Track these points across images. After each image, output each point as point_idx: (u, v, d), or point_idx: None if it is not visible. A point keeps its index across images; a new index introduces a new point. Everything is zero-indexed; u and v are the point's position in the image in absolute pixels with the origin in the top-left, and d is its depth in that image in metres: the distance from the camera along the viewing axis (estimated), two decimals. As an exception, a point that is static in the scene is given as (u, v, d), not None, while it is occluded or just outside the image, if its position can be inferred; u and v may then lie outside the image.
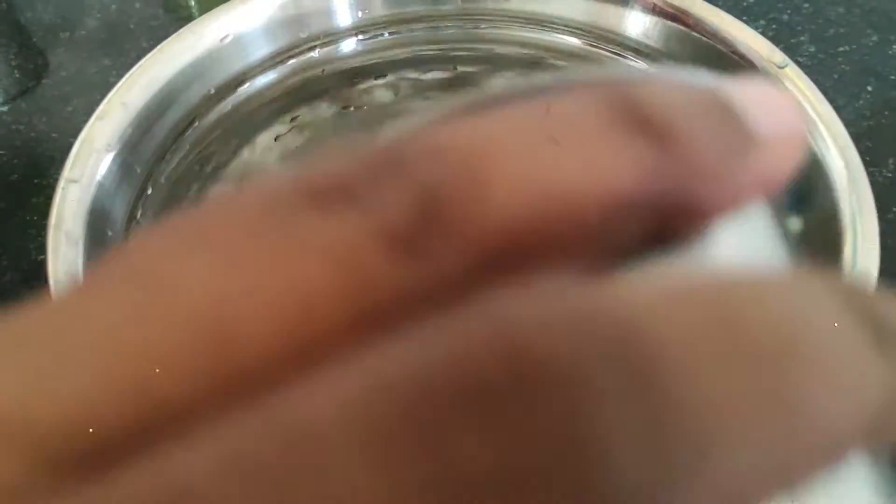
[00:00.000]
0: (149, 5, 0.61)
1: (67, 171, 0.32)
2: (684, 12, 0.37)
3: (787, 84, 0.34)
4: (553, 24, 0.40)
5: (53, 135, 0.53)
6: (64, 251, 0.30)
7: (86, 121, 0.53)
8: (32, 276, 0.45)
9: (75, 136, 0.53)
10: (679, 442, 0.08)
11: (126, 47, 0.57)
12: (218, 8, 0.37)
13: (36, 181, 0.50)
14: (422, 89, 0.44)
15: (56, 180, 0.50)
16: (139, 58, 0.53)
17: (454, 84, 0.44)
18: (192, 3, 0.62)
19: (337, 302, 0.09)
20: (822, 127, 0.32)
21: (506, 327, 0.08)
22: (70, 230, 0.31)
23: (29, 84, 0.55)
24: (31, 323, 0.10)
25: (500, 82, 0.43)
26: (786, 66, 0.34)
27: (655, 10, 0.37)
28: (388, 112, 0.45)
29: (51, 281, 0.30)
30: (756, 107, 0.11)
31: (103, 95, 0.35)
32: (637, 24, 0.38)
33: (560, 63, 0.41)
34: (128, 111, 0.34)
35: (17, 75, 0.56)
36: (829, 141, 0.32)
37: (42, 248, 0.47)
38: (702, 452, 0.08)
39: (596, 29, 0.39)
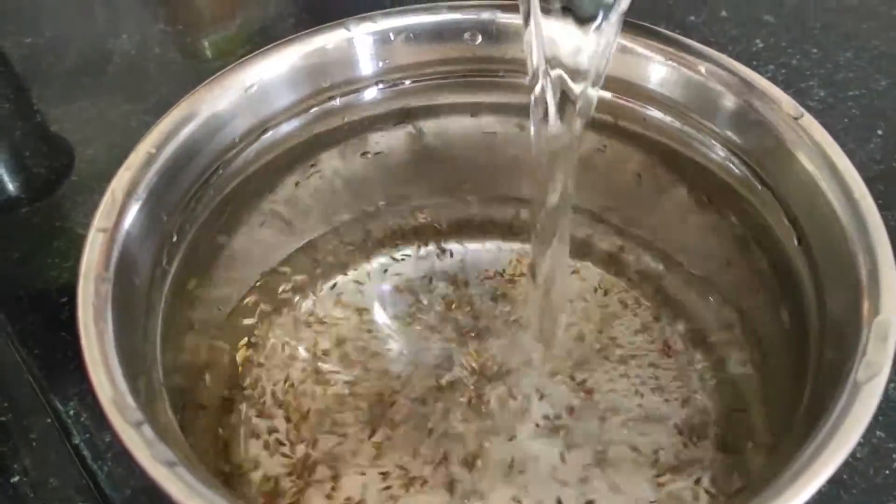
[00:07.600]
0: (167, 51, 0.62)
1: (97, 221, 0.33)
2: (699, 63, 0.38)
3: (802, 135, 0.35)
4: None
5: (74, 178, 0.53)
6: (93, 300, 0.31)
7: (106, 164, 0.53)
8: (54, 318, 0.45)
9: (96, 179, 0.54)
10: None
11: (146, 91, 0.58)
12: (245, 58, 0.38)
13: (57, 224, 0.51)
14: (441, 136, 0.45)
15: (77, 223, 0.51)
16: (159, 102, 0.54)
17: (474, 131, 0.44)
18: (206, 46, 0.63)
19: None
20: (838, 178, 0.33)
21: None
22: (99, 279, 0.31)
23: (50, 128, 0.56)
24: None
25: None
26: (801, 116, 0.35)
27: (672, 61, 0.38)
28: (407, 158, 0.45)
29: (81, 329, 0.30)
30: None
31: (124, 139, 0.36)
32: (655, 75, 0.39)
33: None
34: (155, 161, 0.35)
35: (38, 119, 0.57)
36: (845, 192, 0.32)
37: (63, 291, 0.48)
38: None
39: (615, 79, 0.39)
